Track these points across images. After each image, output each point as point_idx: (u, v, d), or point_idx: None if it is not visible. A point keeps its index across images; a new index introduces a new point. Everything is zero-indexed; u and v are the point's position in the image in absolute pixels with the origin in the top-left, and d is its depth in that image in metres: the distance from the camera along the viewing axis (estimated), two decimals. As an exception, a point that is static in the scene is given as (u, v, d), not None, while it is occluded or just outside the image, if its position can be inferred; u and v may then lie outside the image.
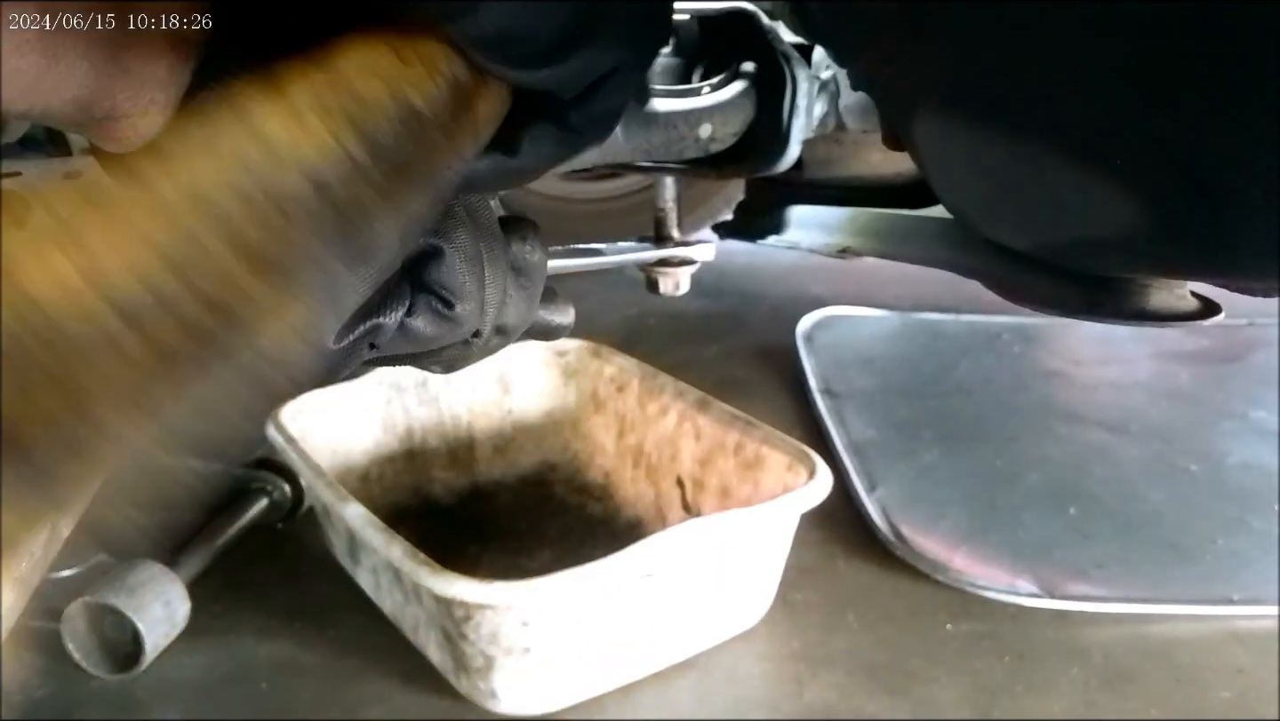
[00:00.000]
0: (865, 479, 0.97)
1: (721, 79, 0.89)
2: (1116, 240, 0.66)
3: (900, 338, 1.37)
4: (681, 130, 0.86)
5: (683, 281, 1.11)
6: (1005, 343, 1.34)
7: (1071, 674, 0.73)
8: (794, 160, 0.92)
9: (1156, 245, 0.64)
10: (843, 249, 1.04)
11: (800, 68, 0.89)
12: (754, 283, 1.66)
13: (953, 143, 0.71)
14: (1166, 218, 0.60)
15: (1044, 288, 0.79)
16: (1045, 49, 0.58)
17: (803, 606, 0.80)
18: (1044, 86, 0.60)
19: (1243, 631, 0.77)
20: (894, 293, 1.56)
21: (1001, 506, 0.94)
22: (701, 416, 0.85)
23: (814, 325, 1.38)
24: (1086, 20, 0.54)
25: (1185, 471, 1.01)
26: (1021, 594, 0.81)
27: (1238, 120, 0.51)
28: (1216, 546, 0.88)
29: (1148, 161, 0.57)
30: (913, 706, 0.70)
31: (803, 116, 0.90)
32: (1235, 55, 0.49)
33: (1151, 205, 0.60)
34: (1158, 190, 0.59)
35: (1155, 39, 0.52)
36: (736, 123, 0.89)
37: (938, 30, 0.64)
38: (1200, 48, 0.50)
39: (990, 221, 0.75)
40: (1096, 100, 0.57)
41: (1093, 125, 0.59)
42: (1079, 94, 0.58)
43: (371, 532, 0.66)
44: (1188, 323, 0.78)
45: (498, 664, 0.65)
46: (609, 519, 0.92)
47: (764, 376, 1.27)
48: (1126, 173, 0.59)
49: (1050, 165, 0.64)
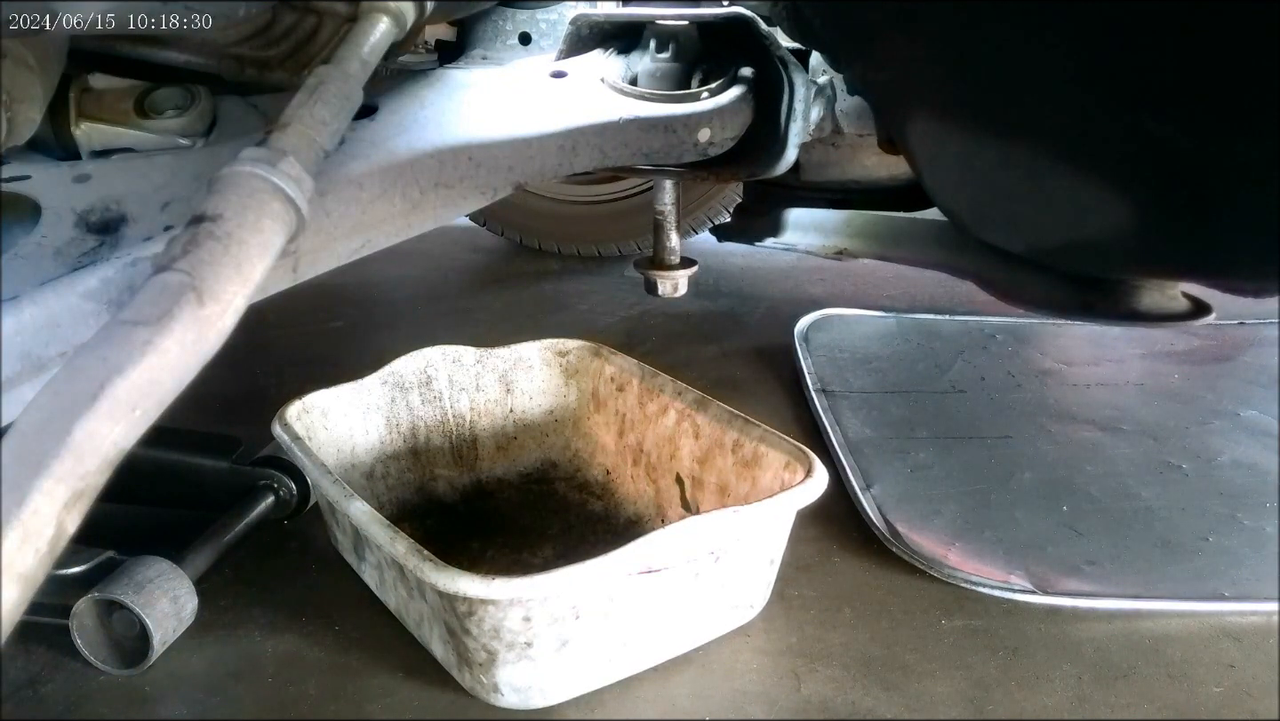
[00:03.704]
0: (861, 477, 0.98)
1: (720, 84, 0.90)
2: (1109, 242, 0.67)
3: (896, 338, 1.38)
4: (681, 134, 0.87)
5: (681, 283, 1.12)
6: (999, 343, 1.35)
7: (1064, 669, 0.74)
8: (791, 163, 0.93)
9: (1148, 247, 0.64)
10: (839, 251, 1.05)
11: (797, 72, 0.90)
12: (752, 284, 1.67)
13: (947, 146, 0.72)
14: (1158, 220, 0.61)
15: (1037, 288, 0.80)
16: (1038, 54, 0.59)
17: (800, 602, 0.81)
18: (1036, 91, 0.61)
19: (1234, 627, 0.79)
20: (890, 294, 1.57)
21: (995, 504, 0.95)
22: (700, 415, 0.86)
23: (811, 325, 1.39)
24: (1079, 25, 0.55)
25: (1177, 469, 1.02)
26: (1015, 590, 0.82)
27: (1229, 123, 0.52)
28: (1208, 543, 0.89)
29: (1139, 164, 0.58)
30: (908, 700, 0.71)
31: (800, 120, 0.91)
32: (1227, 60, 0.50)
33: (1143, 207, 0.61)
34: (1149, 192, 0.60)
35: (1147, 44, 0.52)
36: (735, 127, 0.90)
37: (931, 35, 0.65)
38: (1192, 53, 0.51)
39: (984, 223, 0.76)
40: (1088, 104, 0.58)
41: (1085, 129, 0.60)
42: (1071, 98, 0.59)
43: (376, 529, 0.67)
44: (1179, 323, 0.79)
45: (500, 658, 0.66)
46: (609, 516, 0.93)
47: (762, 376, 1.28)
48: (1118, 175, 0.60)
49: (1043, 168, 0.65)
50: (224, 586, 0.82)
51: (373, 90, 0.77)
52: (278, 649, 0.76)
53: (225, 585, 0.83)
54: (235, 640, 0.77)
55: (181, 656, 0.74)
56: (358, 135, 0.73)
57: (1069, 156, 0.62)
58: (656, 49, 0.92)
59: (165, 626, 0.72)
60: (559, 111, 0.83)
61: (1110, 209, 0.63)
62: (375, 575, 0.78)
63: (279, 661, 0.75)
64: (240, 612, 0.80)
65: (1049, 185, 0.65)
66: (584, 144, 0.83)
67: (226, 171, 0.52)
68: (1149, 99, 0.54)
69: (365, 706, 0.70)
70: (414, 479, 0.95)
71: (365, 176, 0.69)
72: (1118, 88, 0.56)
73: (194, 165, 0.70)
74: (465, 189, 0.76)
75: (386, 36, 0.70)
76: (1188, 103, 0.53)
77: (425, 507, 0.94)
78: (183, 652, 0.75)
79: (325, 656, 0.75)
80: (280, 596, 0.82)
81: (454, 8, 0.98)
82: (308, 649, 0.76)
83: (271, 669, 0.74)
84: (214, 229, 0.48)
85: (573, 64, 0.95)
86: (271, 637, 0.77)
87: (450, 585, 0.61)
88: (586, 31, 0.98)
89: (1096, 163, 0.61)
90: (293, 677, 0.73)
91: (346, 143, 0.70)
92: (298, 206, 0.54)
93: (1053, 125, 0.62)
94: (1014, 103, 0.62)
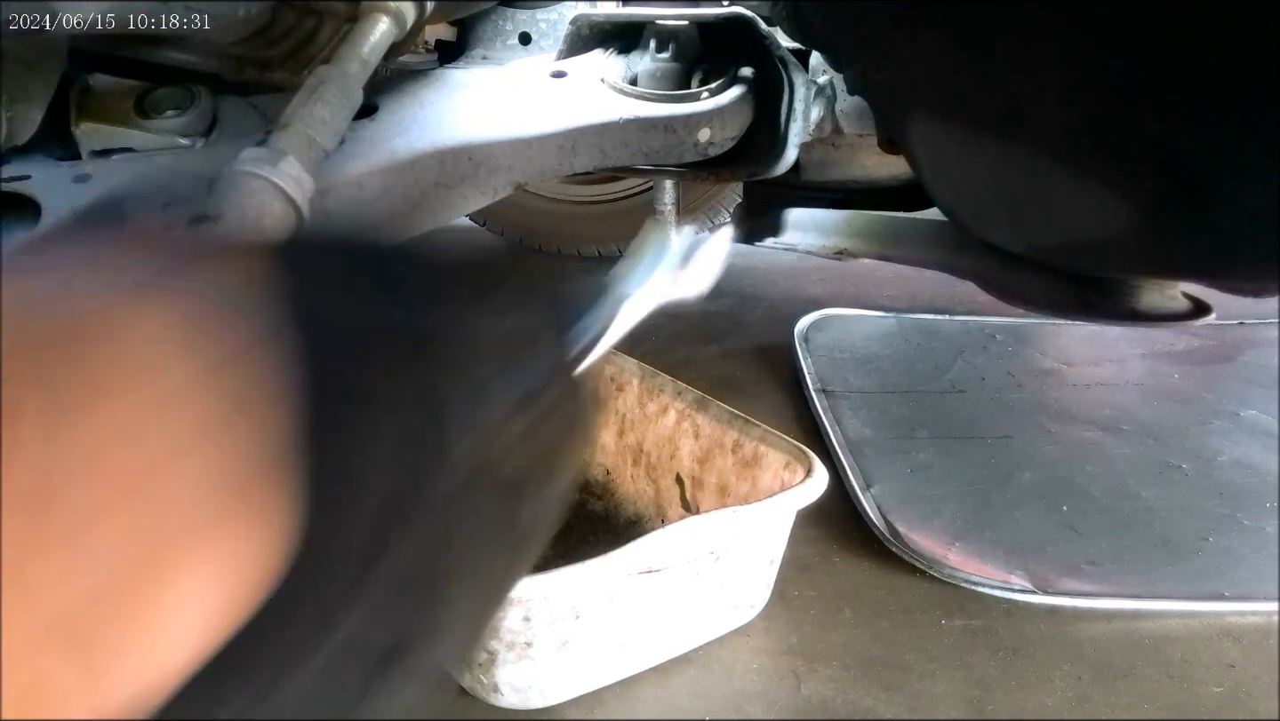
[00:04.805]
0: (861, 477, 0.98)
1: (720, 84, 0.90)
2: (1109, 242, 0.67)
3: (896, 338, 1.38)
4: (681, 134, 0.87)
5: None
6: (999, 343, 1.35)
7: (1064, 669, 0.74)
8: (791, 163, 0.93)
9: (1148, 247, 0.65)
10: (839, 250, 1.05)
11: (797, 72, 0.90)
12: (752, 284, 1.67)
13: (947, 146, 0.72)
14: (1158, 220, 0.61)
15: (1037, 288, 0.80)
16: (1038, 54, 0.59)
17: (800, 602, 0.81)
18: (1037, 90, 0.61)
19: (1233, 627, 0.79)
20: (890, 293, 1.57)
21: (995, 503, 0.95)
22: (700, 415, 0.86)
23: (811, 325, 1.39)
24: (1079, 25, 0.55)
25: (1177, 469, 1.02)
26: (1015, 590, 0.82)
27: (1230, 124, 0.52)
28: (1207, 543, 0.89)
29: (1140, 164, 0.58)
30: (908, 700, 0.71)
31: (800, 120, 0.91)
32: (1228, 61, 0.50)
33: (1143, 207, 0.61)
34: (1150, 193, 0.60)
35: (1148, 44, 0.53)
36: (735, 127, 0.90)
37: (932, 35, 0.65)
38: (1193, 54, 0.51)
39: (984, 223, 0.76)
40: (1089, 104, 0.58)
41: (1085, 129, 0.60)
42: (1071, 98, 0.59)
43: (376, 529, 0.67)
44: (1179, 323, 0.79)
45: (500, 658, 0.66)
46: (609, 515, 0.93)
47: (762, 376, 1.28)
48: (1119, 175, 0.60)
49: (1043, 168, 0.65)
50: (224, 586, 0.82)
51: (373, 90, 0.77)
52: (277, 649, 0.76)
53: (225, 585, 0.83)
54: (235, 640, 0.77)
55: (181, 656, 0.74)
56: (358, 135, 0.73)
57: (1070, 156, 0.62)
58: (656, 49, 0.92)
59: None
60: (559, 111, 0.83)
61: (1111, 209, 0.63)
62: (375, 575, 0.78)
63: (279, 661, 0.75)
64: (240, 613, 0.80)
65: (1049, 185, 0.65)
66: (584, 144, 0.83)
67: (227, 171, 0.52)
68: (1150, 99, 0.54)
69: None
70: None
71: (365, 176, 0.69)
72: (1119, 88, 0.56)
73: (194, 165, 0.70)
74: (465, 189, 0.76)
75: (387, 36, 0.70)
76: (1189, 103, 0.53)
77: (425, 508, 0.94)
78: (182, 653, 0.75)
79: (325, 656, 0.75)
80: (280, 596, 0.82)
81: (454, 8, 0.98)
82: (308, 649, 0.76)
83: (271, 669, 0.74)
84: (214, 229, 0.48)
85: (572, 64, 0.95)
86: (271, 638, 0.77)
87: (450, 585, 0.61)
88: (586, 31, 0.98)
89: (1097, 163, 0.61)
90: (292, 677, 0.73)
91: (346, 143, 0.70)
92: (298, 206, 0.54)
93: (1054, 125, 0.62)
94: (1015, 103, 0.62)
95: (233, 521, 0.20)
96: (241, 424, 0.20)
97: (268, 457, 0.21)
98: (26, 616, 0.17)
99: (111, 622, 0.19)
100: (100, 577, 0.18)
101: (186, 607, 0.20)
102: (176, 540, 0.19)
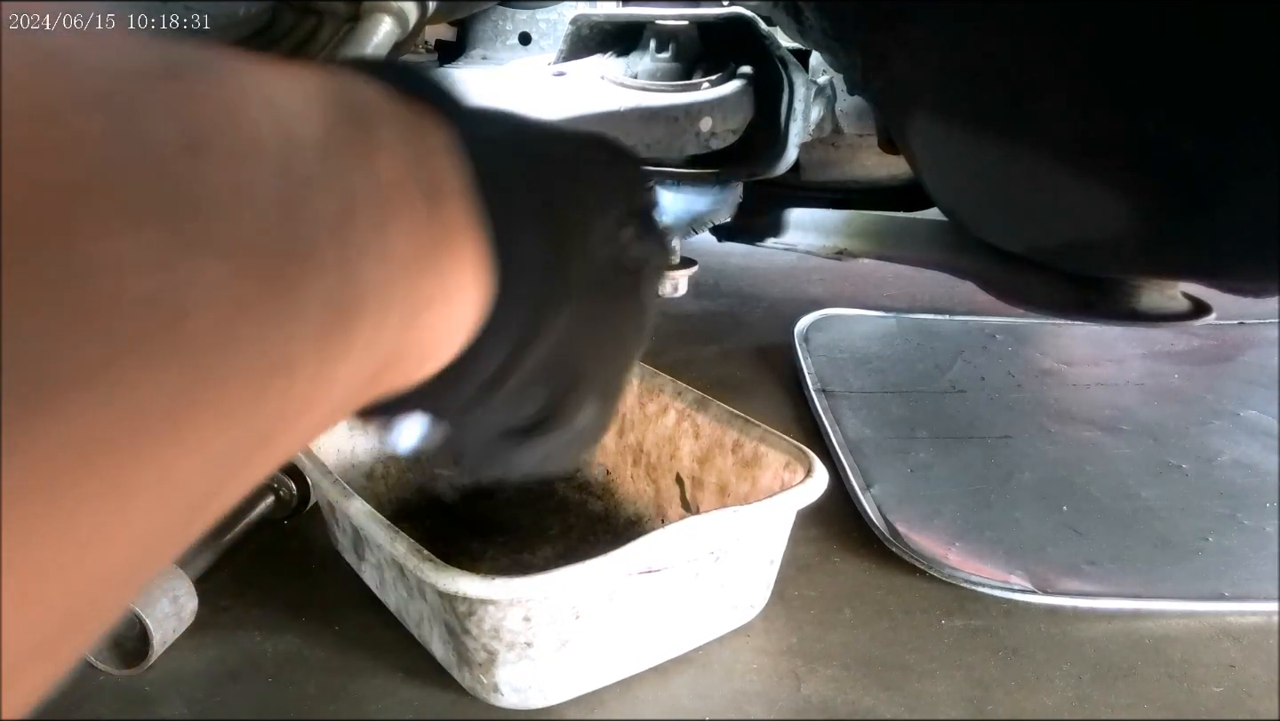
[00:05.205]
0: (861, 476, 0.98)
1: (720, 76, 0.90)
2: (1109, 242, 0.67)
3: (896, 338, 1.38)
4: (682, 124, 0.87)
5: (681, 283, 1.12)
6: (999, 343, 1.35)
7: (1064, 669, 0.74)
8: (791, 163, 0.93)
9: (1148, 247, 0.65)
10: (839, 250, 1.05)
11: (797, 72, 0.90)
12: (752, 284, 1.67)
13: (947, 146, 0.72)
14: (1159, 220, 0.61)
15: (1037, 288, 0.80)
16: (1037, 53, 0.59)
17: (800, 602, 0.81)
18: (1036, 90, 0.61)
19: (1234, 627, 0.79)
20: (890, 293, 1.57)
21: (995, 503, 0.95)
22: (700, 415, 0.86)
23: (811, 325, 1.39)
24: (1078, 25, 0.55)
25: (1177, 469, 1.02)
26: (1015, 590, 0.82)
27: (1230, 123, 0.52)
28: (1208, 543, 0.89)
29: (1140, 164, 0.58)
30: (908, 700, 0.71)
31: (800, 120, 0.91)
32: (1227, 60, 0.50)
33: (1144, 208, 0.61)
34: (1150, 193, 0.60)
35: (1147, 44, 0.53)
36: (736, 119, 0.90)
37: (932, 35, 0.65)
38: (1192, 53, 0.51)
39: (984, 223, 0.76)
40: (1089, 104, 0.58)
41: (1085, 128, 0.60)
42: (1071, 98, 0.59)
43: (376, 529, 0.67)
44: (1179, 323, 0.79)
45: (500, 658, 0.66)
46: (609, 516, 0.93)
47: (762, 376, 1.28)
48: (1119, 175, 0.60)
49: (1043, 168, 0.65)
50: (224, 586, 0.82)
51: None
52: (278, 649, 0.76)
53: (225, 585, 0.83)
54: (235, 640, 0.77)
55: (181, 656, 0.74)
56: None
57: (1070, 156, 0.62)
58: (657, 49, 0.92)
59: (165, 626, 0.72)
60: (559, 103, 0.83)
61: (1111, 209, 0.63)
62: (375, 575, 0.78)
63: (279, 661, 0.75)
64: (240, 612, 0.80)
65: (1050, 185, 0.65)
66: (584, 139, 0.83)
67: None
68: (1151, 99, 0.54)
69: (365, 706, 0.70)
70: (414, 479, 0.95)
71: (365, 176, 0.69)
72: (1119, 88, 0.56)
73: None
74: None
75: (389, 36, 0.70)
76: (1189, 103, 0.53)
77: (426, 507, 0.94)
78: (183, 652, 0.75)
79: (325, 656, 0.75)
80: (280, 596, 0.82)
81: (455, 8, 0.98)
82: (308, 649, 0.76)
83: (271, 669, 0.74)
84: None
85: (572, 66, 0.95)
86: (271, 637, 0.77)
87: (450, 585, 0.61)
88: (587, 31, 0.98)
89: (1097, 162, 0.61)
90: (293, 677, 0.73)
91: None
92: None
93: (1054, 125, 0.62)
94: (1015, 102, 0.62)
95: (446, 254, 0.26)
96: (432, 178, 0.26)
97: (460, 219, 0.26)
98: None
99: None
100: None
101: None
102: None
